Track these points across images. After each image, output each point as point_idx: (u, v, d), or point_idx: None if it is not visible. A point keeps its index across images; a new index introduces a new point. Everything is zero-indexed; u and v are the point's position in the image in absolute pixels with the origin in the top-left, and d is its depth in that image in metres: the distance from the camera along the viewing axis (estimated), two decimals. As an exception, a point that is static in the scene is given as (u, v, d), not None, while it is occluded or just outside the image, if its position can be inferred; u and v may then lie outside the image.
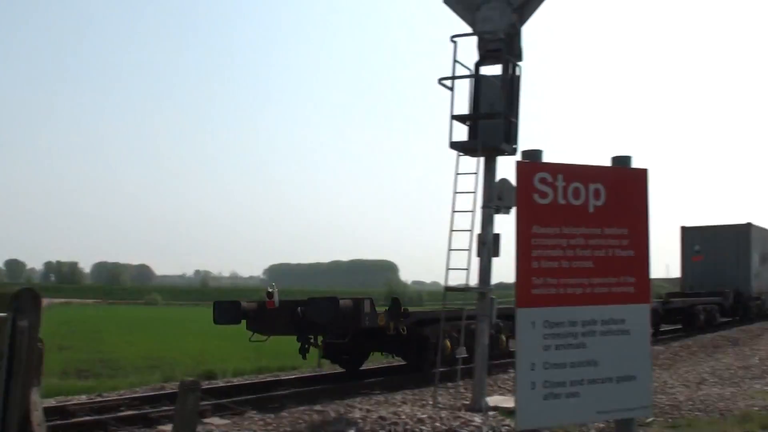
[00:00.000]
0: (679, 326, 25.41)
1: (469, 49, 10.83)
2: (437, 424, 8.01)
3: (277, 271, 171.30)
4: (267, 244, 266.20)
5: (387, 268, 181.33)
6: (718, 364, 16.92)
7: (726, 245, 28.59)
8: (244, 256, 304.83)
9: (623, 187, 4.32)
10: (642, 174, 4.41)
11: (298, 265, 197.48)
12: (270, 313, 11.73)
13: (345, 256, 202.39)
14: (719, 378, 14.57)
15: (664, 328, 24.70)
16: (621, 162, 4.40)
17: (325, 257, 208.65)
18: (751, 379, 14.41)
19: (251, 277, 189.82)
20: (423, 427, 7.85)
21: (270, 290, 11.76)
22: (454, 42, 10.55)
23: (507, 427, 7.86)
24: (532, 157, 4.14)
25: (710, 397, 11.89)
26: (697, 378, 14.52)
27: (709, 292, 27.25)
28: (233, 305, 11.80)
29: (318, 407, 9.64)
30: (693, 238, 29.47)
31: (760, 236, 30.32)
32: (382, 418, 8.08)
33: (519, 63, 10.64)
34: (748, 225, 29.34)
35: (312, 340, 11.79)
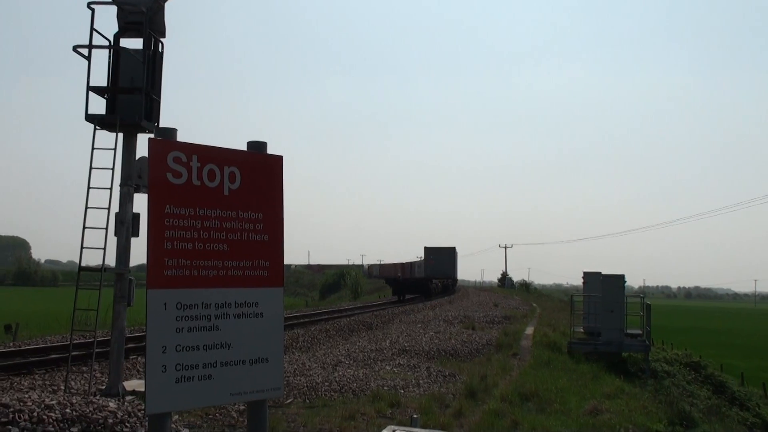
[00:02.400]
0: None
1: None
2: (68, 410, 7.49)
3: None
4: None
5: (16, 245, 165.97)
6: (353, 347, 18.21)
7: (445, 256, 56.72)
8: None
9: (259, 172, 4.35)
10: (277, 160, 4.48)
11: None
12: None
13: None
14: (354, 360, 15.71)
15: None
16: (256, 147, 4.43)
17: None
18: (382, 361, 15.78)
19: None
20: (52, 414, 7.28)
21: None
22: (92, 9, 9.89)
23: (143, 411, 7.61)
24: (167, 135, 3.99)
25: (345, 378, 12.77)
26: (333, 360, 15.50)
27: (442, 277, 56.53)
28: None
29: None
30: (430, 252, 56.12)
31: (457, 253, 60.08)
32: (4, 405, 7.29)
33: (162, 39, 10.32)
34: (454, 248, 58.60)
35: None
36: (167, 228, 3.86)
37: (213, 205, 4.08)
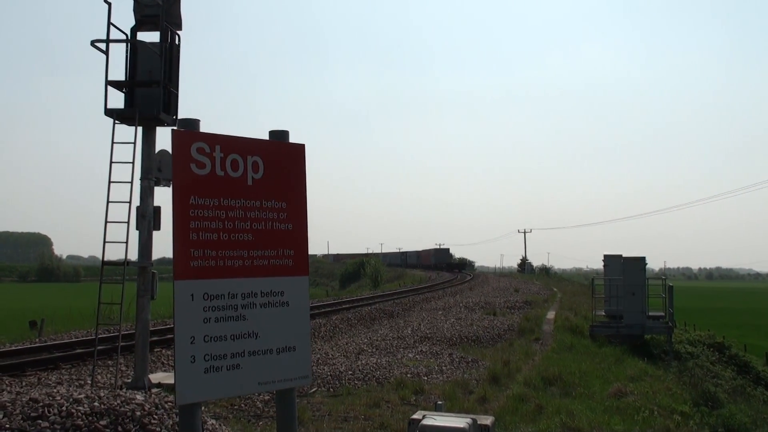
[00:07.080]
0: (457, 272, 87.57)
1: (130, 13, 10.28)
2: (96, 403, 7.54)
3: None
4: None
5: (38, 242, 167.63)
6: (375, 336, 18.24)
7: (444, 253, 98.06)
8: None
9: (282, 161, 4.34)
10: (299, 149, 4.47)
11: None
12: None
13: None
14: (376, 348, 15.75)
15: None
16: (278, 136, 4.42)
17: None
18: (405, 348, 15.79)
19: None
20: (80, 408, 7.33)
21: None
22: (109, 3, 9.90)
23: (170, 404, 7.69)
24: (189, 126, 3.98)
25: (368, 366, 12.80)
26: (356, 349, 15.54)
27: (443, 263, 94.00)
28: None
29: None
30: (438, 252, 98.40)
31: (449, 249, 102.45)
32: (34, 400, 7.36)
33: (178, 32, 10.32)
34: (448, 248, 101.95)
35: None
36: (192, 219, 3.86)
37: (237, 195, 4.07)
